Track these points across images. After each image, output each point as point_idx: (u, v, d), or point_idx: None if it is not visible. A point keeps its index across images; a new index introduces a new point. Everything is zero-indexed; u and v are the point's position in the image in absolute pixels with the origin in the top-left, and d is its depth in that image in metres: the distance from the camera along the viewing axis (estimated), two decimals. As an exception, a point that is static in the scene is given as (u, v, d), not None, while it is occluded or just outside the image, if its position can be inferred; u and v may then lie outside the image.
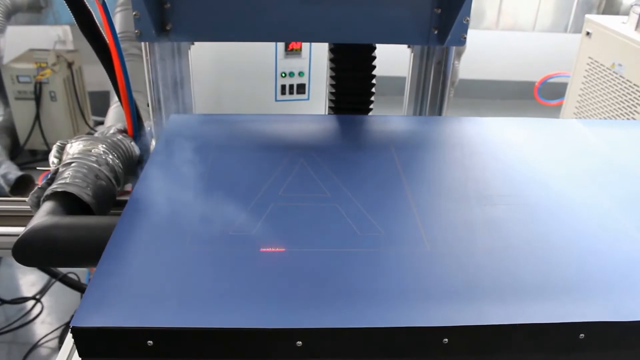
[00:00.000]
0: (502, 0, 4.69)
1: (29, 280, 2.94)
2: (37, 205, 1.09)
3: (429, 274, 0.80)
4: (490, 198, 0.99)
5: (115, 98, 1.53)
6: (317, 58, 1.79)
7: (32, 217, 1.02)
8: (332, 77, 1.40)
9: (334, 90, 1.41)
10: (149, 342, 0.69)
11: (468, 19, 1.25)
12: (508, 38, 4.81)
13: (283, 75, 1.78)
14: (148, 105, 1.42)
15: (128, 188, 1.26)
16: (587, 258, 0.84)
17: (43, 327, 2.71)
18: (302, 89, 1.83)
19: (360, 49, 1.36)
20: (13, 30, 3.62)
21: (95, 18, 1.20)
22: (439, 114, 1.49)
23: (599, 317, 0.73)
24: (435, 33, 1.29)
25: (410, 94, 1.49)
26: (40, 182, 1.13)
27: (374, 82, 1.41)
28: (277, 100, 1.82)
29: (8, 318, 2.73)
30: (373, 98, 1.43)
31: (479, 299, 0.75)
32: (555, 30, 4.81)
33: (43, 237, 0.95)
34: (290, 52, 1.76)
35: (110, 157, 1.18)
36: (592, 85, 2.41)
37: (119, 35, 1.23)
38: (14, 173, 3.28)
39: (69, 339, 1.10)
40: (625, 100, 2.18)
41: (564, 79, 2.70)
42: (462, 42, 1.29)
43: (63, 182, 1.07)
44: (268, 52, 1.74)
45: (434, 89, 1.46)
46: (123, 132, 1.31)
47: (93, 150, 1.17)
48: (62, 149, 1.19)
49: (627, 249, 0.87)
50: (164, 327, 0.69)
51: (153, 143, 1.41)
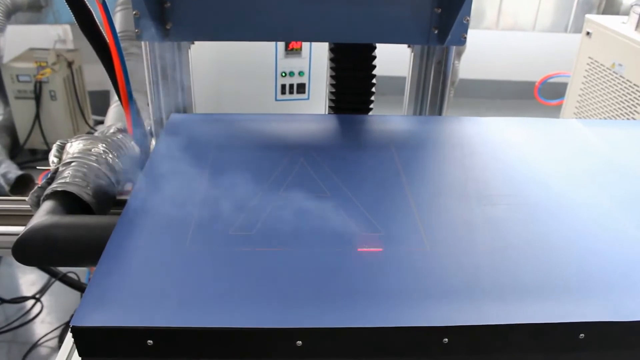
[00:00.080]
0: (502, 0, 4.69)
1: (29, 280, 2.94)
2: (37, 205, 1.09)
3: (429, 274, 0.80)
4: (490, 198, 0.99)
5: (115, 97, 1.53)
6: (317, 58, 1.79)
7: (32, 216, 1.02)
8: (332, 76, 1.40)
9: (334, 90, 1.41)
10: (149, 341, 0.69)
11: (468, 19, 1.25)
12: (508, 38, 4.81)
13: (283, 75, 1.78)
14: (148, 105, 1.42)
15: (128, 187, 1.26)
16: (587, 258, 0.84)
17: (43, 326, 2.71)
18: (302, 89, 1.83)
19: (361, 49, 1.36)
20: (13, 30, 3.62)
21: (96, 17, 1.20)
22: (439, 114, 1.49)
23: (599, 317, 0.73)
24: (436, 33, 1.29)
25: (411, 94, 1.49)
26: (40, 181, 1.13)
27: (374, 81, 1.41)
28: (277, 100, 1.82)
29: (8, 317, 2.73)
30: (373, 98, 1.43)
31: (479, 299, 0.75)
32: (556, 30, 4.81)
33: (43, 236, 0.95)
34: (291, 51, 1.76)
35: (110, 156, 1.18)
36: (592, 85, 2.41)
37: (119, 35, 1.23)
38: (14, 172, 3.28)
39: (69, 339, 1.10)
40: (625, 100, 2.18)
41: (564, 79, 2.70)
42: (462, 41, 1.29)
43: (63, 181, 1.07)
44: (268, 51, 1.74)
45: (434, 89, 1.46)
46: (123, 131, 1.30)
47: (93, 150, 1.17)
48: (62, 149, 1.19)
49: (627, 249, 0.87)
50: (164, 326, 0.69)
51: (153, 142, 1.41)
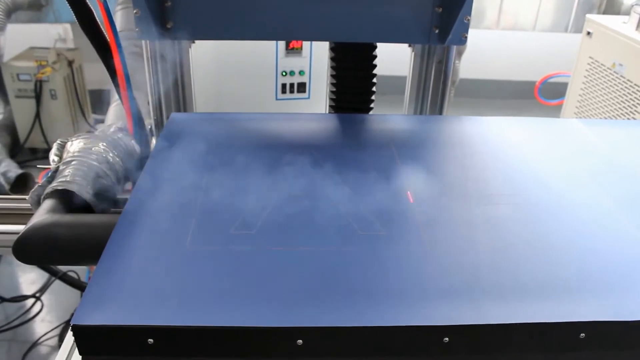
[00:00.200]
0: (502, 0, 4.69)
1: (29, 279, 2.94)
2: (37, 204, 1.09)
3: (429, 274, 0.80)
4: (491, 197, 0.99)
5: (116, 96, 1.53)
6: (317, 57, 1.79)
7: (32, 215, 1.02)
8: (332, 76, 1.40)
9: (335, 89, 1.41)
10: (150, 340, 0.69)
11: (469, 18, 1.25)
12: (509, 38, 4.81)
13: (284, 74, 1.78)
14: (148, 104, 1.42)
15: (128, 186, 1.26)
16: (587, 258, 0.84)
17: (43, 325, 2.71)
18: (302, 88, 1.83)
19: (361, 48, 1.36)
20: (13, 28, 3.62)
21: (96, 16, 1.20)
22: (440, 113, 1.49)
23: (599, 317, 0.73)
24: (436, 32, 1.29)
25: (411, 93, 1.49)
26: (41, 180, 1.13)
27: (375, 81, 1.41)
28: (277, 99, 1.82)
29: (8, 316, 2.73)
30: (374, 97, 1.43)
31: (479, 299, 0.75)
32: (556, 30, 4.81)
33: (43, 235, 0.95)
34: (291, 50, 1.76)
35: (111, 155, 1.18)
36: (592, 85, 2.41)
37: (120, 33, 1.23)
38: (14, 171, 3.28)
39: (69, 337, 1.10)
40: (626, 100, 2.18)
41: (565, 79, 2.70)
42: (462, 41, 1.29)
43: (63, 180, 1.07)
44: (269, 50, 1.74)
45: (435, 88, 1.46)
46: (123, 130, 1.30)
47: (94, 149, 1.17)
48: (62, 147, 1.19)
49: (627, 249, 0.87)
50: (165, 325, 0.69)
51: (153, 141, 1.41)
